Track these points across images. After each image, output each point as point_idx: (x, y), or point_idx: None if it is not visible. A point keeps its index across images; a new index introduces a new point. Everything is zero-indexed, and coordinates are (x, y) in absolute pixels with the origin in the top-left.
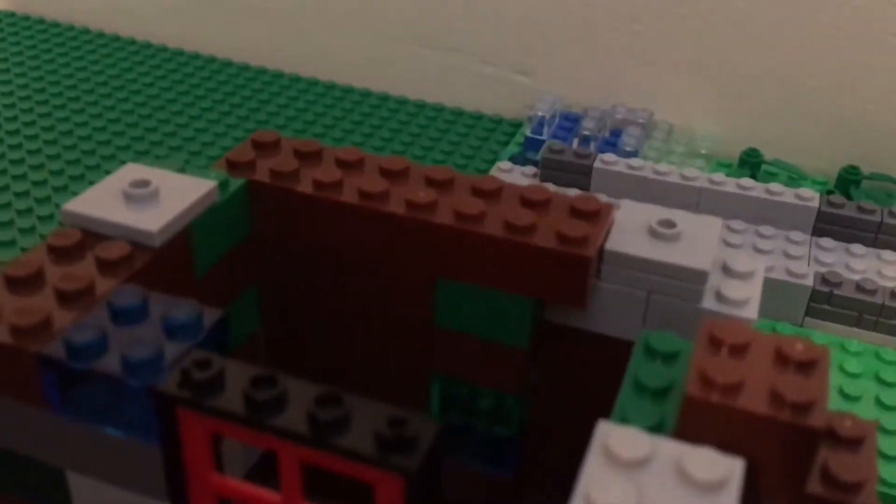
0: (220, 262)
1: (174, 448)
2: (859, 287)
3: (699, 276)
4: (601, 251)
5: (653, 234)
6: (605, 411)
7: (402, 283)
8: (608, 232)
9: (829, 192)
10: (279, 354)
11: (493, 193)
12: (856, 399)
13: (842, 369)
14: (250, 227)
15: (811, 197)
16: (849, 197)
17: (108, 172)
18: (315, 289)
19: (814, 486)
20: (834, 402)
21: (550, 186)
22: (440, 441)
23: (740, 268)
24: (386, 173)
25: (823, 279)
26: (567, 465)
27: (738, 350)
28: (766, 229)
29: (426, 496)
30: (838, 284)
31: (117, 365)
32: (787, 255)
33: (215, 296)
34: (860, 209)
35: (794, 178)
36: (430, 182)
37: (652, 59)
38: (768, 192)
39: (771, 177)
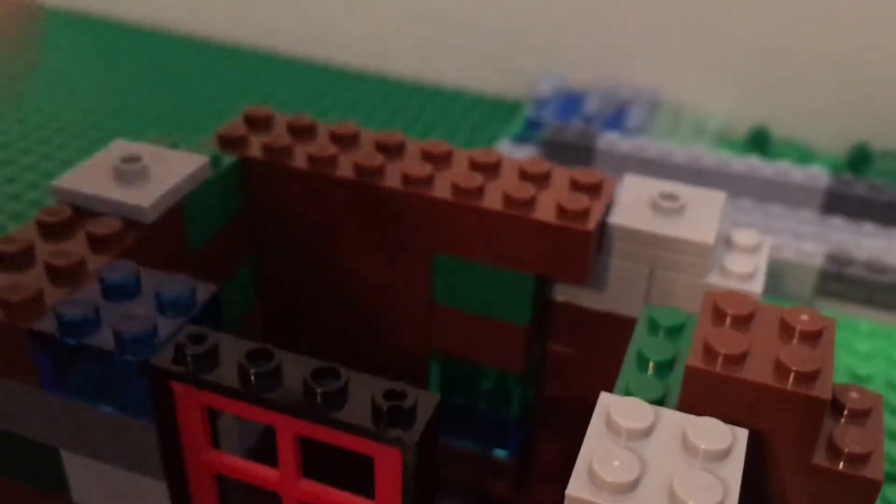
0: (213, 239)
1: (169, 425)
2: (869, 266)
3: (703, 250)
4: (603, 225)
5: (655, 207)
6: (609, 389)
7: (400, 260)
8: (610, 206)
9: (839, 171)
10: (276, 331)
11: (492, 167)
12: (866, 379)
13: (852, 349)
14: (244, 204)
15: (820, 175)
16: (860, 175)
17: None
18: (311, 266)
19: (819, 457)
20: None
21: None
22: (437, 413)
23: (745, 241)
24: (382, 147)
25: (833, 258)
26: (571, 447)
27: (742, 321)
28: (774, 208)
29: (424, 467)
30: (848, 263)
31: (110, 340)
32: (796, 235)
33: (209, 273)
34: (871, 188)
35: (804, 156)
36: (427, 156)
37: (657, 36)
38: (777, 171)
39: (780, 155)
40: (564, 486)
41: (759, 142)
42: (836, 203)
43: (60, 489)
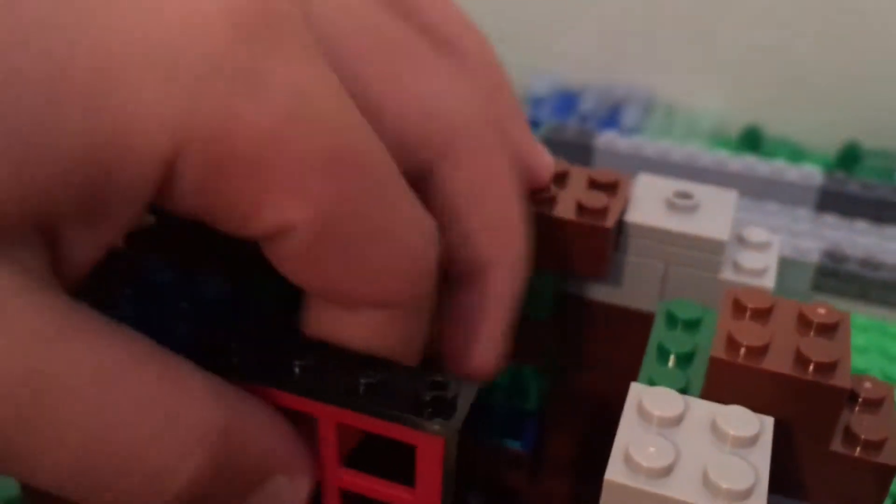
0: None
1: None
2: (864, 263)
3: (717, 246)
4: (620, 223)
5: (670, 205)
6: (624, 383)
7: None
8: (626, 204)
9: (831, 169)
10: None
11: None
12: (863, 373)
13: None
14: None
15: (814, 174)
16: (850, 172)
17: None
18: None
19: (837, 444)
20: None
21: None
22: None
23: (756, 238)
24: None
25: (828, 255)
26: (587, 442)
27: (762, 314)
28: (770, 206)
29: (462, 454)
30: (843, 260)
31: None
32: (792, 232)
33: None
34: (863, 186)
35: (796, 153)
36: None
37: (651, 35)
38: (772, 169)
39: (772, 153)
40: (578, 478)
41: (752, 140)
42: (830, 201)
43: None
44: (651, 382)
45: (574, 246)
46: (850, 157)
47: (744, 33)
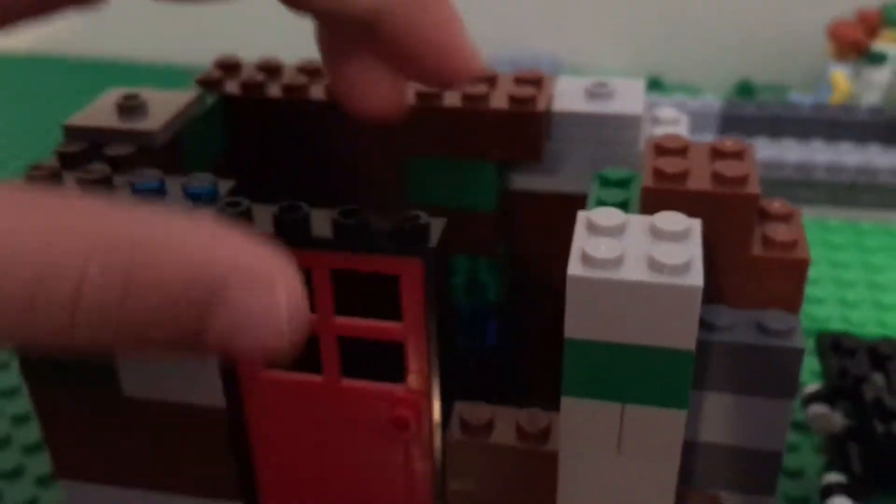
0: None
1: None
2: (766, 166)
3: (634, 121)
4: (548, 111)
5: (589, 94)
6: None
7: (377, 169)
8: (550, 97)
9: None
10: None
11: None
12: None
13: None
14: (228, 142)
15: (712, 103)
16: None
17: None
18: (296, 193)
19: (757, 249)
20: None
21: None
22: (447, 232)
23: (667, 115)
24: None
25: None
26: (545, 328)
27: (681, 151)
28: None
29: (441, 279)
30: None
31: None
32: None
33: None
34: (758, 107)
35: (696, 96)
36: None
37: (554, 1)
38: (676, 103)
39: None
40: (547, 361)
41: (654, 89)
42: (732, 125)
43: (112, 385)
44: None
45: (511, 134)
46: (744, 93)
47: None
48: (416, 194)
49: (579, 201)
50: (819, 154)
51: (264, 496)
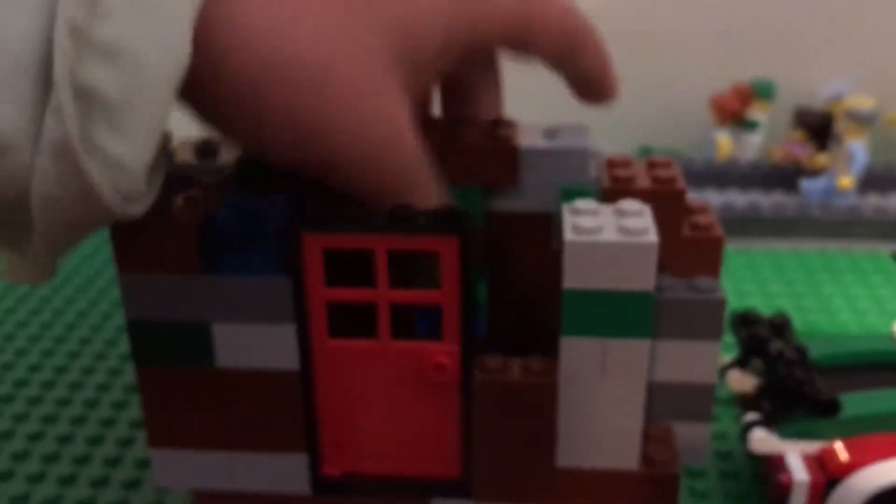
0: None
1: (299, 272)
2: None
3: (582, 153)
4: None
5: (545, 135)
6: (544, 276)
7: None
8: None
9: None
10: None
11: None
12: None
13: None
14: None
15: None
16: None
17: None
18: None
19: (686, 231)
20: None
21: None
22: (469, 221)
23: (606, 150)
24: None
25: None
26: (524, 328)
27: (626, 164)
28: None
29: (469, 259)
30: None
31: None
32: None
33: None
34: None
35: None
36: None
37: None
38: None
39: None
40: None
41: None
42: None
43: (206, 360)
44: None
45: (493, 165)
46: (645, 156)
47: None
48: None
49: (549, 218)
50: (713, 198)
51: (325, 447)
